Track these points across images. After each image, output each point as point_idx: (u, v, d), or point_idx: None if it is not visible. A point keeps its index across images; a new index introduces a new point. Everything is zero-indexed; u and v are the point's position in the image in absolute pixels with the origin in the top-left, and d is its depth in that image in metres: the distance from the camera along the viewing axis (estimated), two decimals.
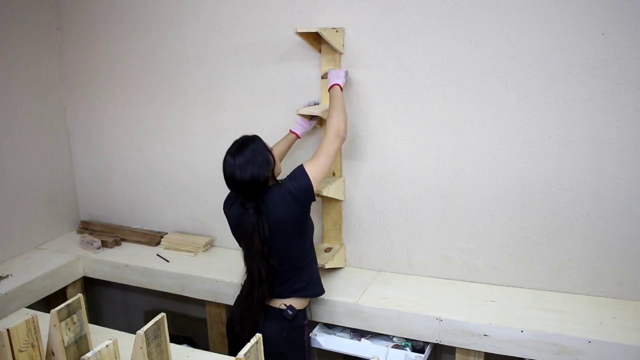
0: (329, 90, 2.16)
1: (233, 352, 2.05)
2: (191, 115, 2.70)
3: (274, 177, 1.96)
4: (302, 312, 2.08)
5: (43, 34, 2.83)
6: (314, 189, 1.92)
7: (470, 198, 2.22)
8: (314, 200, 1.96)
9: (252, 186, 1.88)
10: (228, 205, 2.04)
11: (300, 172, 1.93)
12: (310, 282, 2.06)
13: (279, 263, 1.96)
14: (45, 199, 2.92)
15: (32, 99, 2.80)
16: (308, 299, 2.12)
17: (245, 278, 1.98)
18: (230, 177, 1.89)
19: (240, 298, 2.06)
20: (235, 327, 2.02)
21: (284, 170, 2.50)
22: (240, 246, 1.99)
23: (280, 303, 2.01)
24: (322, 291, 2.14)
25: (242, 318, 1.99)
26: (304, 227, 2.01)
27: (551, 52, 1.96)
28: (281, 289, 2.00)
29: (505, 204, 2.17)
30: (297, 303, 2.03)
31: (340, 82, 2.16)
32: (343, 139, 2.03)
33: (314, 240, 2.53)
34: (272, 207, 1.90)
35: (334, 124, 2.01)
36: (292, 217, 1.93)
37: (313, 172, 1.92)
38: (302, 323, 2.06)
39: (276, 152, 2.28)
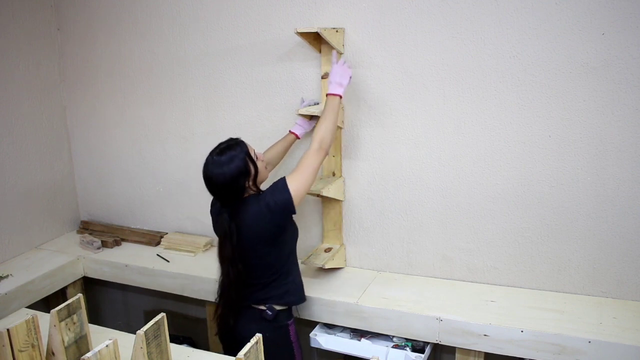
0: (327, 95, 2.05)
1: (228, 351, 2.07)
2: (191, 115, 2.70)
3: (255, 185, 1.94)
4: (285, 312, 2.05)
5: (43, 33, 2.82)
6: (296, 204, 1.88)
7: (470, 198, 2.22)
8: (294, 213, 1.92)
9: (225, 191, 1.88)
10: (213, 203, 2.07)
11: (282, 186, 1.88)
12: (287, 291, 2.03)
13: (253, 269, 1.96)
14: (45, 199, 2.92)
15: (32, 98, 2.80)
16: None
17: (221, 278, 1.99)
18: (205, 178, 1.90)
19: (218, 297, 2.05)
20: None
21: (280, 172, 2.51)
22: None
23: (260, 305, 2.00)
24: (301, 300, 2.10)
25: (217, 318, 2.01)
26: (281, 239, 1.97)
27: (551, 52, 1.96)
28: (260, 294, 2.00)
29: (505, 204, 2.17)
30: (277, 305, 2.02)
31: (342, 92, 2.05)
32: (326, 153, 1.97)
33: (315, 241, 2.55)
34: (247, 218, 1.89)
35: (321, 135, 1.95)
36: (268, 230, 1.91)
37: (295, 186, 1.87)
38: (285, 322, 2.04)
39: (274, 153, 2.28)
